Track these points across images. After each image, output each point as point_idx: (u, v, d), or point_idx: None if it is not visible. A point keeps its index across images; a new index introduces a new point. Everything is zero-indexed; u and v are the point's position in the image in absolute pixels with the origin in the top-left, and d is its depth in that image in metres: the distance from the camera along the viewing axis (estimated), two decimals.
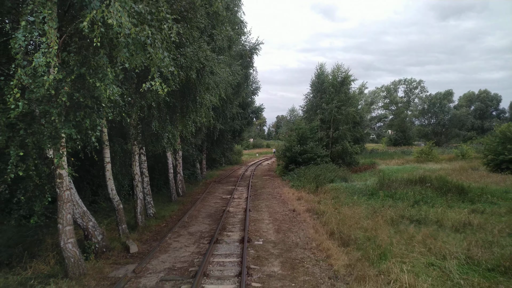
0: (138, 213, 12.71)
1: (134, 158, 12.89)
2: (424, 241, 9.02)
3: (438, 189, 15.97)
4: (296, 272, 7.74)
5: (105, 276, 7.93)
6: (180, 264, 8.48)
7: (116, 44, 5.45)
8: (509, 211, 12.32)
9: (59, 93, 5.71)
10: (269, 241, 10.28)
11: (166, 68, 6.34)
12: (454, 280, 6.76)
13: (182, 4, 7.33)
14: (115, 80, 6.40)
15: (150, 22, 5.77)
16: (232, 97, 20.30)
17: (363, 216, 11.79)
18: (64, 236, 7.96)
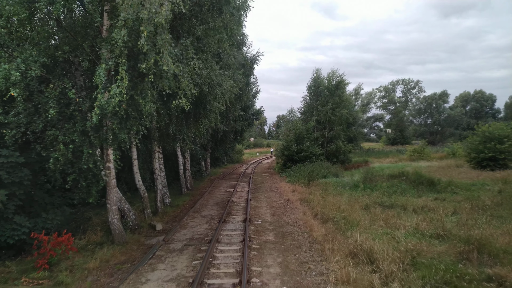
0: (158, 201, 15.36)
1: (154, 155, 15.56)
2: (385, 219, 11.65)
3: (412, 182, 18.58)
4: (285, 239, 10.37)
5: (142, 243, 10.57)
6: (198, 236, 11.12)
7: (160, 76, 8.06)
8: (465, 198, 14.92)
9: (119, 109, 8.33)
10: (266, 221, 12.91)
11: (189, 91, 8.96)
12: (400, 242, 9.34)
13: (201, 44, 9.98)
14: (152, 98, 9.05)
15: (182, 60, 8.39)
16: (234, 102, 22.92)
17: (343, 202, 14.41)
18: (111, 213, 10.62)
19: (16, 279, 7.75)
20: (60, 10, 7.25)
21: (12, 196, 9.11)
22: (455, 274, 6.99)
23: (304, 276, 7.41)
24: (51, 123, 8.64)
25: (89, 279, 7.86)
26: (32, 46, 7.74)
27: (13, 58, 7.54)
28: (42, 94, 8.27)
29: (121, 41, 7.24)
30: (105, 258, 9.14)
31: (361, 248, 8.25)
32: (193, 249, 9.71)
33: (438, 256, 8.17)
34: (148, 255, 9.15)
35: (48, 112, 7.89)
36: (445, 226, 10.47)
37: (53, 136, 8.64)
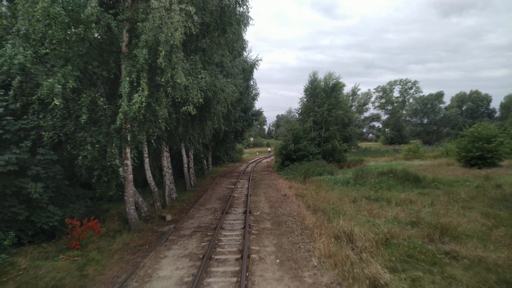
0: (166, 195, 16.91)
1: (163, 154, 17.11)
2: (369, 209, 13.21)
3: (400, 178, 20.14)
4: (281, 227, 11.92)
5: (156, 231, 12.11)
6: (204, 224, 12.66)
7: (173, 87, 9.59)
8: (444, 193, 16.47)
9: (138, 114, 9.87)
10: (264, 212, 14.45)
11: (197, 99, 10.51)
12: (378, 228, 10.88)
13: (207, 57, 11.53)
14: (166, 105, 10.60)
15: (191, 73, 9.92)
16: (235, 104, 24.48)
17: (334, 196, 15.96)
18: (128, 204, 12.16)
19: (54, 257, 9.28)
20: (93, 33, 8.78)
21: (47, 188, 10.64)
22: (418, 250, 8.55)
23: (294, 252, 8.96)
24: (81, 126, 10.17)
25: (115, 257, 9.40)
26: (68, 63, 9.27)
27: (52, 73, 9.07)
28: (75, 102, 9.80)
29: (142, 59, 8.78)
30: (126, 241, 10.69)
31: (343, 231, 9.80)
32: (201, 234, 11.26)
33: (408, 237, 9.72)
34: (162, 239, 10.70)
35: (81, 117, 9.42)
36: (420, 215, 12.01)
37: (83, 137, 10.18)
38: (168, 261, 8.70)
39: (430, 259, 8.09)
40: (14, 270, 8.20)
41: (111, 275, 8.15)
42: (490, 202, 14.26)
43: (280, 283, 7.11)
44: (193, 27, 8.91)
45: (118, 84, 10.78)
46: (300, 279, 7.29)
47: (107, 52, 10.14)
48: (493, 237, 9.64)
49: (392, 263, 7.87)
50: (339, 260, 7.83)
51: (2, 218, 9.98)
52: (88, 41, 9.05)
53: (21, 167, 9.92)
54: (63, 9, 8.06)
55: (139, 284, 7.29)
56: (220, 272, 7.75)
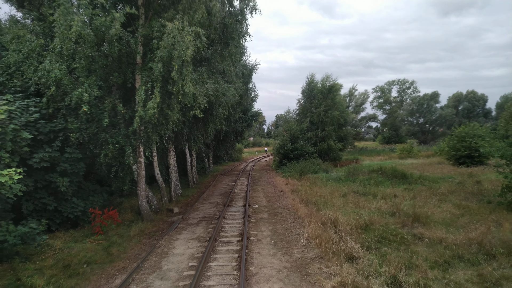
0: (172, 191, 18.48)
1: (169, 153, 18.68)
2: (356, 202, 14.78)
3: (388, 175, 21.72)
4: (276, 216, 13.50)
5: (165, 220, 13.68)
6: (208, 215, 14.23)
7: (183, 95, 11.14)
8: (428, 188, 18.03)
9: (153, 118, 11.42)
10: (262, 205, 16.02)
11: (203, 105, 12.07)
12: (361, 217, 12.43)
13: (212, 67, 13.13)
14: (177, 110, 12.17)
15: (198, 82, 11.48)
16: (235, 106, 26.04)
17: (326, 191, 17.53)
18: (141, 197, 13.73)
19: (82, 240, 10.85)
20: (116, 50, 10.31)
21: (72, 183, 12.20)
22: (390, 233, 10.12)
23: (286, 235, 10.54)
24: (102, 128, 11.73)
25: (134, 240, 10.97)
26: (92, 74, 10.83)
27: (80, 83, 10.63)
28: (98, 108, 11.35)
29: (157, 71, 10.34)
30: (141, 229, 12.25)
31: (329, 218, 11.38)
32: (206, 223, 12.83)
33: (385, 224, 11.29)
34: (173, 227, 12.27)
35: (103, 120, 10.98)
36: (399, 207, 13.59)
37: (104, 138, 11.75)
38: (180, 242, 10.28)
39: (400, 240, 9.67)
40: (51, 250, 9.78)
41: (133, 253, 9.73)
42: (466, 196, 15.84)
43: (274, 257, 8.69)
44: (201, 45, 10.47)
45: (132, 90, 12.38)
46: (290, 254, 8.87)
47: (125, 64, 11.70)
48: (458, 223, 11.23)
49: (367, 243, 9.44)
50: (323, 240, 9.40)
51: (34, 208, 11.54)
52: (110, 56, 10.60)
53: (52, 163, 11.49)
54: (92, 30, 9.61)
55: (158, 259, 8.87)
56: (224, 250, 9.32)
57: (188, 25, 10.16)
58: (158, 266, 8.33)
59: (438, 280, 7.14)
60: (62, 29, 9.46)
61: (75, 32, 9.20)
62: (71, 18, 9.24)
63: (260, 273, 7.60)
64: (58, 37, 9.59)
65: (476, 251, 8.76)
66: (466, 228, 10.54)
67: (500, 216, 11.65)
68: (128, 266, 8.58)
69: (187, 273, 7.69)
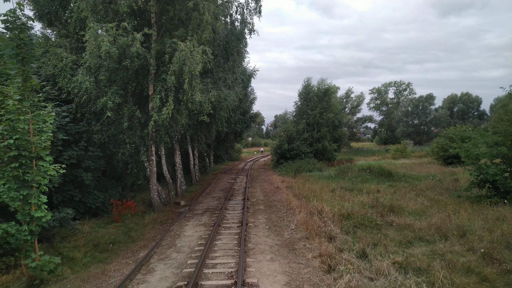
0: (178, 187, 20.34)
1: (175, 153, 20.54)
2: (342, 196, 16.67)
3: (375, 174, 23.64)
4: (271, 208, 15.37)
5: (174, 211, 15.53)
6: (211, 207, 16.10)
7: (192, 103, 13.00)
8: (409, 185, 19.93)
9: (165, 122, 13.29)
10: (259, 199, 17.89)
11: (208, 110, 13.94)
12: (345, 208, 14.30)
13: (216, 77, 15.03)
14: (185, 115, 14.05)
15: (204, 91, 13.34)
16: (235, 109, 27.93)
17: (317, 187, 19.41)
18: (153, 191, 15.59)
19: (105, 227, 12.70)
20: (135, 64, 12.17)
21: (94, 177, 14.05)
22: (367, 220, 11.99)
23: (279, 222, 12.43)
24: (120, 130, 13.59)
25: (149, 226, 12.83)
26: (113, 84, 12.69)
27: (104, 92, 12.48)
28: (117, 113, 13.21)
29: (171, 83, 12.20)
30: (153, 218, 14.11)
31: (316, 208, 13.27)
32: (210, 213, 14.71)
33: (364, 214, 13.15)
34: (181, 216, 14.14)
35: (123, 124, 12.84)
36: (380, 200, 15.47)
37: (122, 138, 13.61)
38: (189, 227, 12.15)
39: (374, 225, 11.55)
40: (80, 233, 11.64)
41: (150, 236, 11.59)
42: (441, 191, 17.76)
43: (268, 238, 10.57)
44: (207, 60, 12.35)
45: (145, 97, 14.25)
46: (281, 235, 10.76)
47: (141, 75, 13.56)
48: (426, 213, 13.12)
49: (346, 228, 11.32)
50: (309, 225, 11.27)
51: (63, 199, 13.39)
52: (130, 69, 12.46)
53: (78, 160, 13.34)
54: (116, 49, 11.46)
55: (172, 239, 10.73)
56: (227, 233, 11.19)
57: (197, 43, 12.04)
58: (173, 244, 10.20)
59: (396, 253, 9.01)
60: (92, 48, 11.30)
61: (104, 51, 11.04)
62: (101, 40, 11.09)
63: (256, 248, 9.48)
64: (89, 54, 11.44)
65: (435, 233, 10.64)
66: (431, 216, 12.43)
67: (462, 207, 13.54)
68: (148, 245, 10.45)
69: (197, 248, 9.56)
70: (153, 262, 8.63)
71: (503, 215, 12.02)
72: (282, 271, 7.78)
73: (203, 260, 8.24)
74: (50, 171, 7.80)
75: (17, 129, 7.14)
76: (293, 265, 8.17)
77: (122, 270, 8.24)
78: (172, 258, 8.95)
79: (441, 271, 7.48)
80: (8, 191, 7.20)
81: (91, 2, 11.60)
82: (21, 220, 7.36)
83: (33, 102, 7.56)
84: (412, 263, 8.20)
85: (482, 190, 15.66)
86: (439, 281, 7.10)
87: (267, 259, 8.58)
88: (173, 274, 7.75)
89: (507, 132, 15.10)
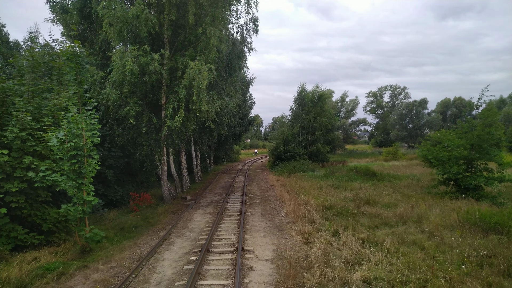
0: (183, 184, 22.80)
1: (182, 154, 23.01)
2: (328, 192, 19.17)
3: (361, 173, 26.17)
4: (266, 201, 17.85)
5: (182, 204, 17.99)
6: (214, 200, 18.57)
7: (199, 112, 15.46)
8: (390, 184, 22.46)
9: (177, 128, 15.74)
10: (256, 195, 20.37)
11: (213, 118, 16.43)
12: (328, 201, 16.77)
13: (221, 89, 17.54)
14: (194, 122, 16.55)
15: (210, 102, 15.84)
16: (235, 114, 30.45)
17: (307, 185, 21.91)
18: (163, 186, 18.05)
19: (125, 215, 15.13)
20: (153, 79, 14.64)
21: (115, 174, 16.49)
22: (345, 210, 14.47)
23: (271, 212, 14.91)
24: (139, 134, 16.05)
25: (162, 215, 15.27)
26: (133, 95, 15.16)
27: (126, 102, 14.95)
28: (137, 119, 15.67)
29: (182, 95, 14.67)
30: (165, 209, 16.56)
31: (303, 201, 15.76)
32: (213, 205, 17.17)
33: (344, 205, 15.65)
34: (189, 207, 16.59)
35: (141, 129, 15.30)
36: (359, 195, 17.97)
37: (140, 141, 16.07)
38: (197, 215, 14.61)
39: (349, 214, 14.03)
40: (107, 219, 14.07)
41: (165, 221, 14.05)
42: (415, 189, 20.31)
43: (262, 222, 13.04)
44: (212, 76, 14.85)
45: (159, 106, 16.73)
46: (273, 221, 13.24)
47: (156, 88, 16.05)
48: (396, 205, 15.61)
49: (326, 215, 13.80)
50: (296, 213, 13.75)
51: None
52: (148, 83, 14.94)
53: (102, 159, 15.78)
54: (138, 67, 13.95)
55: (184, 223, 13.19)
56: (229, 219, 13.65)
57: (204, 62, 14.55)
58: (186, 226, 12.66)
59: (363, 232, 11.49)
60: (118, 66, 13.78)
61: (129, 69, 13.52)
62: (126, 59, 13.57)
63: (252, 229, 11.95)
64: (115, 71, 13.91)
65: (398, 220, 13.13)
66: (398, 207, 14.93)
67: (426, 200, 16.05)
68: (165, 227, 12.91)
69: (206, 229, 12.03)
70: (172, 238, 11.10)
71: (459, 207, 14.51)
72: (271, 243, 10.27)
73: (211, 236, 10.70)
74: (96, 167, 10.25)
75: (75, 134, 9.59)
76: (280, 239, 10.65)
77: (149, 243, 10.70)
78: (186, 235, 11.41)
79: (391, 243, 9.97)
80: (67, 180, 9.64)
81: (117, 29, 14.07)
82: (76, 203, 9.81)
83: (85, 114, 10.02)
84: (372, 239, 10.68)
85: (447, 187, 18.20)
86: (387, 249, 9.58)
87: (261, 236, 11.06)
88: (189, 245, 10.23)
89: (467, 137, 17.66)
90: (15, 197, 9.85)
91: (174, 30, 15.73)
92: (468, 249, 9.23)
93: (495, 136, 17.16)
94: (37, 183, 9.76)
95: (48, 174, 9.70)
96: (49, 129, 10.28)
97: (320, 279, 7.16)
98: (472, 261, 8.44)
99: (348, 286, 6.98)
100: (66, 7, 17.67)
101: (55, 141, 9.50)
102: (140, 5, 14.02)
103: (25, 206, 10.20)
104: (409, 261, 8.55)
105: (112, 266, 8.63)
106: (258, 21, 17.85)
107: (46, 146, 10.25)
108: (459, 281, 7.30)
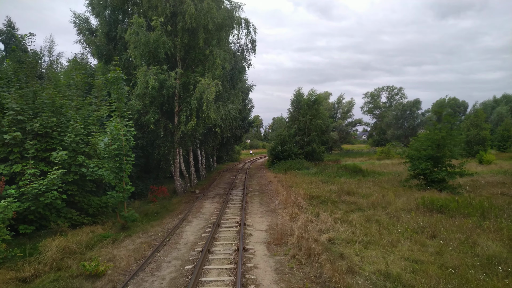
0: (192, 180, 25.99)
1: (190, 153, 26.19)
2: (317, 185, 22.32)
3: (349, 170, 29.33)
4: (263, 193, 21.00)
5: (192, 196, 21.15)
6: (220, 193, 21.73)
7: (208, 119, 18.60)
8: (374, 179, 25.59)
9: (189, 132, 18.89)
10: (255, 189, 23.53)
11: (219, 124, 19.60)
12: (316, 192, 19.88)
13: (223, 100, 20.70)
14: (203, 127, 19.73)
15: (216, 111, 18.98)
16: (236, 117, 33.62)
17: (300, 180, 25.06)
18: (177, 181, 21.23)
19: (147, 204, 18.27)
20: (170, 93, 17.79)
21: (136, 171, 19.64)
22: (328, 199, 17.60)
23: (268, 201, 18.07)
24: (156, 137, 19.19)
25: (177, 204, 18.42)
26: (152, 105, 18.32)
27: (146, 111, 18.10)
28: (156, 125, 18.82)
29: (194, 105, 17.81)
30: (178, 200, 19.71)
31: (294, 192, 18.91)
32: (219, 197, 20.32)
33: (328, 195, 18.77)
34: (199, 198, 19.74)
35: (160, 133, 18.45)
36: (343, 188, 21.11)
37: (157, 143, 19.24)
38: (206, 204, 17.78)
39: (331, 202, 17.17)
40: (132, 207, 17.22)
41: (180, 209, 17.20)
42: (393, 183, 23.43)
43: (259, 208, 16.20)
44: (218, 91, 18.01)
45: (172, 114, 19.87)
46: (268, 207, 16.40)
47: (171, 99, 19.21)
48: (372, 195, 18.75)
49: (312, 203, 16.94)
50: (287, 201, 16.90)
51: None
52: (166, 95, 18.11)
53: None
54: (158, 83, 17.11)
55: (197, 209, 16.35)
56: (233, 206, 16.81)
57: (211, 78, 17.71)
58: (199, 211, 15.83)
59: (338, 214, 14.61)
60: (142, 82, 16.94)
61: (151, 85, 16.68)
62: (148, 77, 16.74)
63: (252, 212, 15.11)
64: (139, 86, 17.07)
65: (369, 206, 16.25)
66: (372, 197, 18.05)
67: (396, 191, 19.18)
68: (182, 212, 16.06)
69: (215, 213, 15.20)
70: (190, 218, 14.27)
71: (422, 196, 17.66)
72: (266, 221, 13.43)
73: (220, 217, 13.86)
74: (132, 163, 13.43)
75: (116, 138, 12.75)
76: (273, 219, 13.82)
77: (172, 222, 13.87)
78: (200, 217, 14.58)
79: (358, 220, 13.11)
80: (110, 174, 12.79)
81: (140, 51, 17.24)
82: (118, 191, 12.97)
83: (124, 123, 13.19)
84: (344, 218, 13.83)
85: (419, 181, 21.34)
86: (354, 224, 12.70)
87: (258, 217, 14.22)
88: (204, 222, 13.40)
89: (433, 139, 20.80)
90: (70, 186, 13.01)
91: (186, 50, 18.90)
92: (414, 224, 12.38)
93: (456, 138, 20.31)
94: (88, 177, 12.93)
95: (95, 170, 12.87)
96: (96, 135, 13.47)
97: (298, 239, 10.32)
98: (412, 230, 11.60)
99: (317, 242, 10.12)
100: (92, 29, 20.84)
101: (102, 144, 12.66)
102: (159, 31, 17.18)
103: (77, 194, 13.37)
104: (367, 231, 11.70)
105: (149, 235, 11.81)
106: (256, 42, 21.08)
107: (93, 148, 13.43)
108: (397, 241, 10.46)
